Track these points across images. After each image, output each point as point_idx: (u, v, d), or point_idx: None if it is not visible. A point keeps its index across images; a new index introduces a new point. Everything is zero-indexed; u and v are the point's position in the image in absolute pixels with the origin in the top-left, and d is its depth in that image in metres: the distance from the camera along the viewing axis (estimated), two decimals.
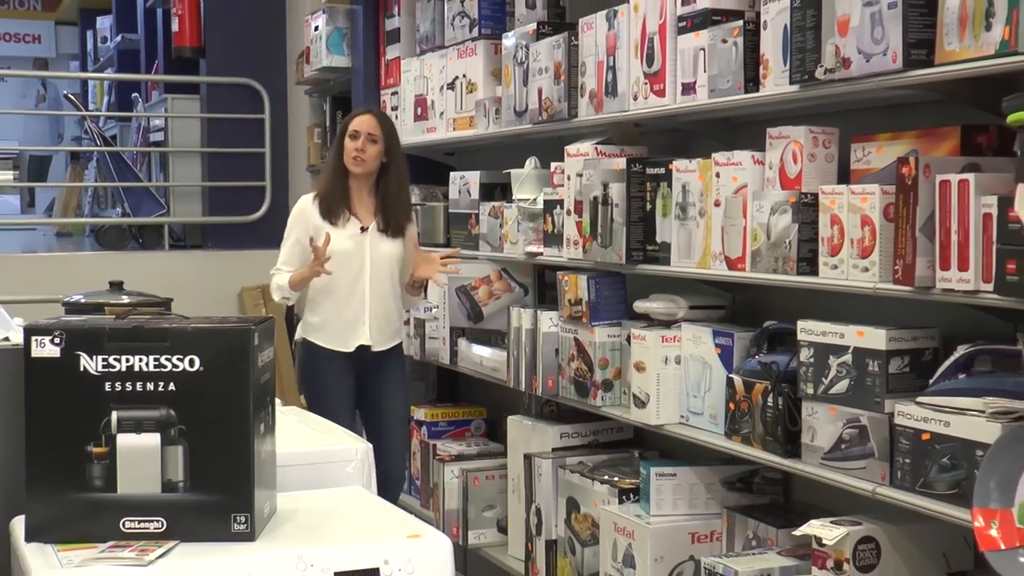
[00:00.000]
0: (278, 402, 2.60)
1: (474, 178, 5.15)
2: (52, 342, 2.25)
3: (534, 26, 4.62)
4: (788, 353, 3.37)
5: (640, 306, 4.00)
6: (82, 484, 2.24)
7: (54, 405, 2.24)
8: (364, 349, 4.64)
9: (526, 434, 4.72)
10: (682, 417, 3.83)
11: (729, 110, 3.69)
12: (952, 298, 2.77)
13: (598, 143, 4.22)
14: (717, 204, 3.55)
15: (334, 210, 4.61)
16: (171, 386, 2.24)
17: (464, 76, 5.21)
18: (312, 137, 7.41)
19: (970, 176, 2.70)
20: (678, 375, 3.83)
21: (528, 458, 4.59)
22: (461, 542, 5.05)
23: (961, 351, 2.93)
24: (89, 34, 14.62)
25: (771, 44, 3.34)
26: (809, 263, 3.20)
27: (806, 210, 3.20)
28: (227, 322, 2.33)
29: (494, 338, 5.03)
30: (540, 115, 4.52)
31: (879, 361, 3.01)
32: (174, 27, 8.45)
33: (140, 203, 8.89)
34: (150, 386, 2.24)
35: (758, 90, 3.41)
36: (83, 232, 11.52)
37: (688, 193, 3.69)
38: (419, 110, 5.64)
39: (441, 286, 5.01)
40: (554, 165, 4.47)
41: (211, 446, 2.26)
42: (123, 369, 2.24)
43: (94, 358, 2.25)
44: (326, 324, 4.65)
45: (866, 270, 2.99)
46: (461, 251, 5.03)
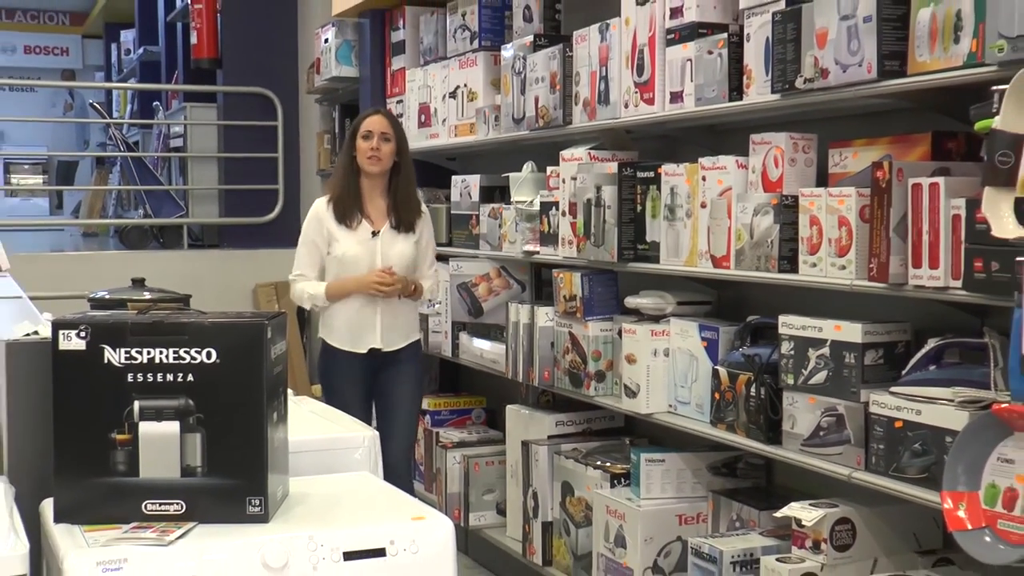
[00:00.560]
0: (290, 392, 2.60)
1: (475, 181, 5.14)
2: (78, 335, 2.25)
3: (531, 38, 4.61)
4: (770, 346, 3.37)
5: (631, 302, 4.00)
6: (106, 469, 2.25)
7: (80, 395, 2.25)
8: (375, 350, 4.46)
9: (523, 422, 4.71)
10: (670, 406, 3.82)
11: (714, 117, 3.69)
12: (923, 294, 2.77)
13: (591, 148, 4.22)
14: (703, 206, 3.55)
15: (348, 212, 4.43)
16: (189, 377, 2.25)
17: (465, 85, 5.20)
18: (322, 143, 7.39)
19: (940, 180, 2.70)
20: (666, 367, 3.82)
21: (525, 445, 4.59)
22: (462, 524, 5.04)
23: (931, 344, 2.93)
24: (113, 47, 14.62)
25: (754, 55, 3.34)
26: (790, 261, 3.20)
27: (787, 211, 3.19)
28: (242, 317, 2.33)
29: (493, 332, 5.02)
30: (537, 122, 4.51)
31: (855, 353, 3.01)
32: (193, 40, 8.45)
33: (161, 205, 8.89)
34: (170, 377, 2.25)
35: (742, 99, 3.41)
36: (107, 232, 11.51)
37: (676, 195, 3.68)
38: (423, 117, 5.63)
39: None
40: (550, 169, 4.47)
41: (227, 433, 2.26)
42: (144, 361, 2.25)
43: (117, 350, 2.25)
44: (340, 326, 4.47)
45: (843, 268, 2.99)
46: (463, 252, 4.92)
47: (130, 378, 2.25)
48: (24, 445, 2.53)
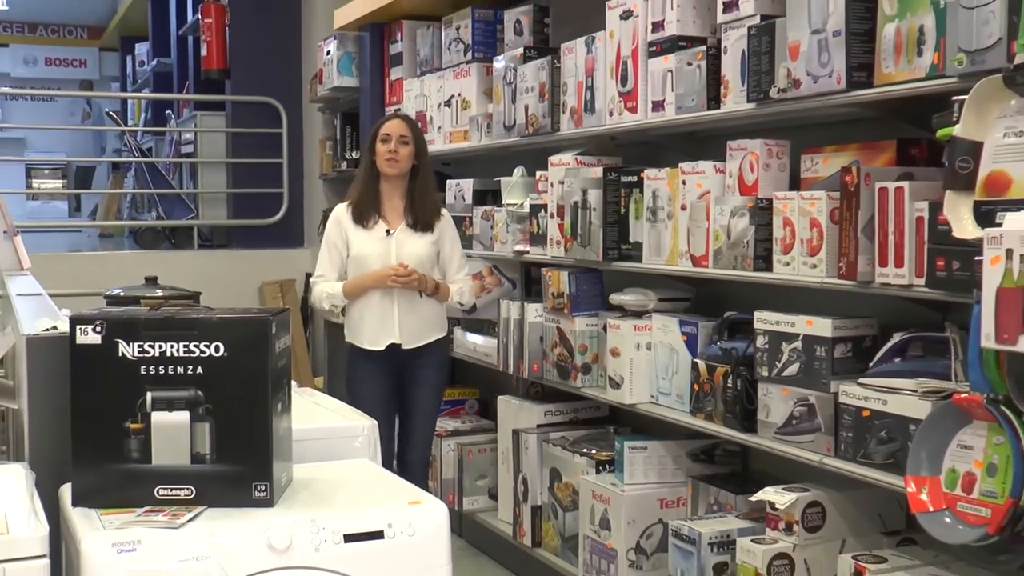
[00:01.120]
0: (294, 384, 2.60)
1: (468, 185, 5.13)
2: (94, 330, 2.25)
3: (521, 51, 4.61)
4: (746, 340, 3.38)
5: (615, 298, 4.00)
6: (121, 456, 2.25)
7: (96, 386, 2.25)
8: (395, 347, 4.23)
9: (514, 412, 4.71)
10: (652, 397, 3.83)
11: (694, 125, 3.69)
12: (889, 291, 2.78)
13: (578, 154, 4.22)
14: (683, 208, 3.55)
15: (365, 214, 4.26)
16: (199, 370, 2.25)
17: (459, 95, 5.20)
18: (324, 149, 7.38)
19: (905, 184, 2.71)
20: (649, 360, 3.83)
21: (516, 433, 4.59)
22: (456, 508, 5.04)
23: (897, 338, 2.94)
24: (128, 59, 14.58)
25: (731, 67, 3.34)
26: (764, 260, 3.20)
27: (761, 214, 3.20)
28: (248, 313, 2.33)
29: (486, 327, 5.02)
30: (527, 129, 4.51)
31: (825, 347, 3.02)
32: (203, 52, 8.42)
33: (172, 208, 8.87)
34: (180, 369, 2.25)
35: (719, 107, 3.41)
36: (122, 233, 11.47)
37: (658, 198, 3.69)
38: (419, 125, 5.62)
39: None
40: (539, 173, 4.47)
41: (234, 423, 2.26)
42: (156, 354, 2.25)
43: (131, 344, 2.25)
44: (360, 324, 4.27)
45: (814, 267, 2.99)
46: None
47: (143, 370, 2.25)
48: (44, 434, 2.53)
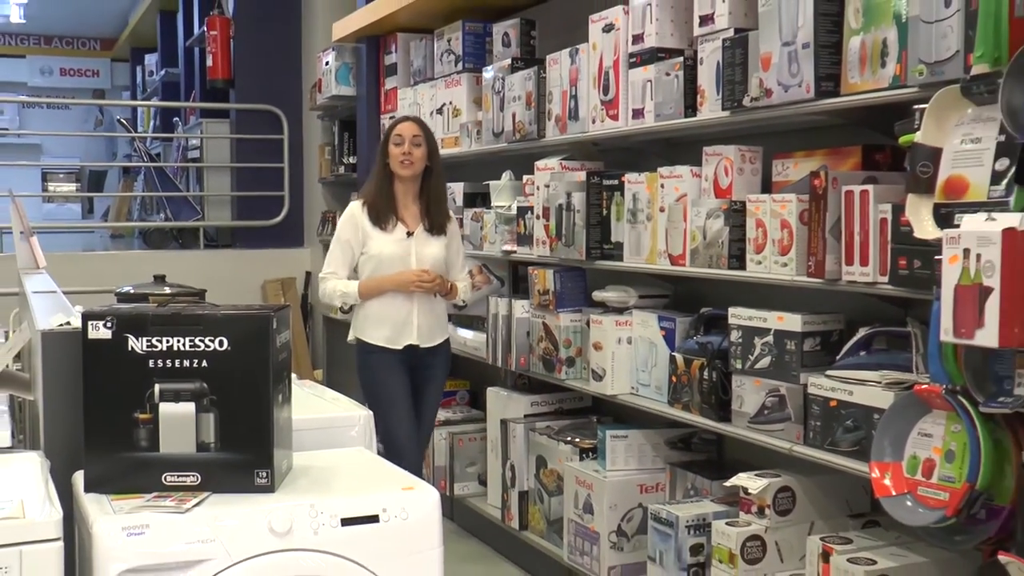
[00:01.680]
0: (294, 376, 2.60)
1: (459, 188, 5.13)
2: (105, 326, 2.25)
3: (509, 61, 4.61)
4: (721, 335, 3.38)
5: (598, 295, 4.00)
6: (130, 445, 2.25)
7: (107, 379, 2.25)
8: (413, 347, 4.13)
9: (502, 403, 4.71)
10: (632, 388, 3.83)
11: (671, 132, 3.69)
12: (855, 288, 2.79)
13: (563, 159, 4.22)
14: (662, 210, 3.55)
15: (382, 215, 4.11)
16: (204, 363, 2.25)
17: (450, 103, 5.19)
18: (323, 154, 7.37)
19: (870, 187, 2.72)
20: (629, 353, 3.83)
21: (504, 423, 4.59)
22: (448, 493, 5.04)
23: (862, 333, 2.95)
24: (138, 69, 14.53)
25: (706, 77, 3.34)
26: (738, 259, 3.20)
27: (735, 215, 3.20)
28: (251, 309, 2.33)
29: (476, 322, 5.02)
30: (514, 135, 4.51)
31: (795, 341, 3.03)
32: (208, 63, 8.39)
33: (180, 210, 8.85)
34: (186, 363, 2.25)
35: (696, 115, 3.41)
36: (133, 234, 11.45)
37: (638, 201, 3.69)
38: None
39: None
40: (526, 177, 4.47)
41: (237, 413, 2.26)
42: (164, 349, 2.24)
43: (140, 339, 2.25)
44: (378, 324, 4.12)
45: (785, 265, 3.00)
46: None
47: (151, 364, 2.24)
48: (58, 423, 2.52)
